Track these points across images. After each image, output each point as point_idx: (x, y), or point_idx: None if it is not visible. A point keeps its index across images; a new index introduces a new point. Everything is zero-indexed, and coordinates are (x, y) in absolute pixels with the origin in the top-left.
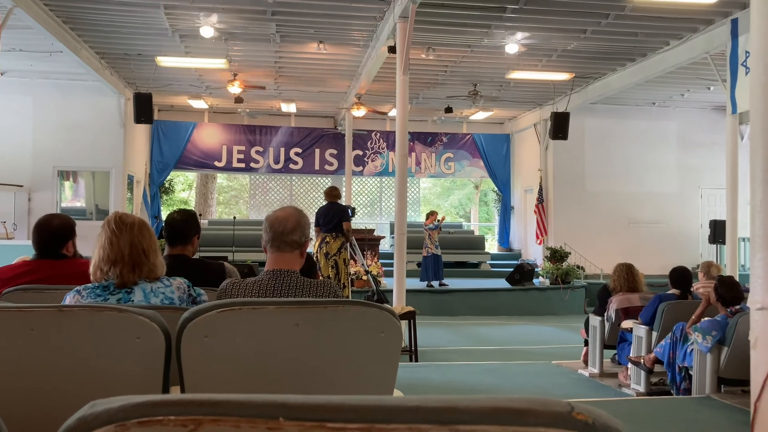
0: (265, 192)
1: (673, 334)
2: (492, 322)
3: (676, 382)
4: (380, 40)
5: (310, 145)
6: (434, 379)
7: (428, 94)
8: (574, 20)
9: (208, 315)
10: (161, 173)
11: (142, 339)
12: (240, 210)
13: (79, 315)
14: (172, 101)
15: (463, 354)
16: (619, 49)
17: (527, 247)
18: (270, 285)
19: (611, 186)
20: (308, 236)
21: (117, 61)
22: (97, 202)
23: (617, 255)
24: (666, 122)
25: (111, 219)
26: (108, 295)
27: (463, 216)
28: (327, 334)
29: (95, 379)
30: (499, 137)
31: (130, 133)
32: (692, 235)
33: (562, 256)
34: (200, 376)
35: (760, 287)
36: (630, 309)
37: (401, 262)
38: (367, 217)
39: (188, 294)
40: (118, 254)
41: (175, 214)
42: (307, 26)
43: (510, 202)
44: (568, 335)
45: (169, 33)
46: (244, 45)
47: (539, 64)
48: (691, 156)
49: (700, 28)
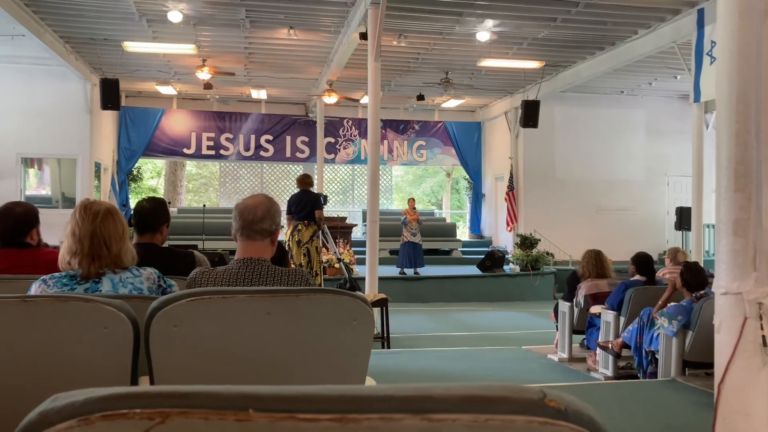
0: (236, 179)
1: (640, 319)
2: (463, 309)
3: (643, 365)
4: (352, 27)
5: (281, 132)
6: (407, 366)
7: (400, 82)
8: (544, 8)
9: (178, 304)
10: (129, 160)
11: (109, 329)
12: (210, 198)
13: (44, 305)
14: (140, 87)
15: (436, 340)
16: (588, 37)
17: (498, 234)
18: (240, 274)
19: (580, 173)
20: (279, 224)
21: (82, 46)
22: (63, 190)
23: (586, 242)
24: (634, 110)
25: (77, 208)
26: (75, 285)
27: (435, 204)
28: (299, 323)
29: (61, 371)
30: (471, 125)
31: (96, 119)
32: (659, 222)
33: (531, 243)
34: (169, 367)
35: (725, 273)
36: (598, 295)
37: (373, 250)
38: (339, 205)
39: (158, 285)
40: (78, 245)
41: (144, 202)
42: (277, 11)
43: (481, 190)
44: (538, 321)
45: (136, 17)
46: (213, 30)
47: (510, 52)
48: (659, 144)
49: (667, 17)
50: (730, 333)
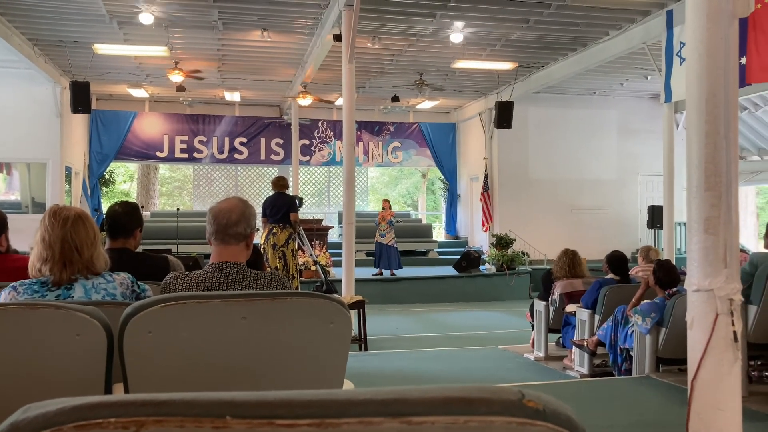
0: (210, 182)
1: (615, 317)
2: (440, 309)
3: (618, 363)
4: (326, 28)
5: (256, 135)
6: (384, 367)
7: (375, 83)
8: (517, 10)
9: (152, 310)
10: (101, 164)
11: (82, 336)
12: (183, 201)
13: (14, 313)
14: (111, 90)
15: (413, 341)
16: (560, 39)
17: (473, 234)
18: (215, 278)
19: (554, 173)
20: (254, 227)
21: (52, 49)
22: (33, 195)
23: (560, 241)
24: (606, 111)
25: (46, 214)
26: (46, 292)
27: (411, 205)
28: (275, 327)
29: (32, 381)
30: (445, 126)
31: (67, 123)
32: (631, 221)
33: (507, 242)
34: (144, 374)
35: (696, 270)
36: (573, 293)
37: (350, 252)
38: (315, 207)
39: (132, 290)
40: (49, 251)
41: (116, 206)
42: (250, 13)
43: (456, 191)
44: (514, 320)
45: (106, 19)
46: (185, 32)
47: (483, 54)
48: (630, 143)
49: (637, 19)
50: (702, 329)
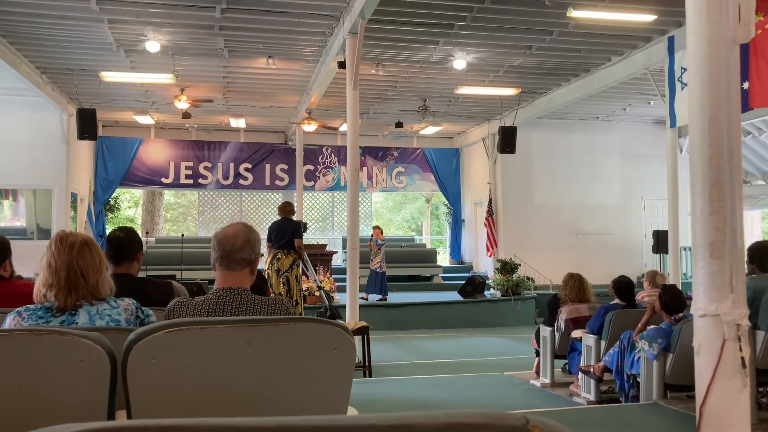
0: (214, 208)
1: (621, 343)
2: (445, 335)
3: (625, 389)
4: (330, 56)
5: (260, 161)
6: (389, 394)
7: (379, 109)
8: (519, 37)
9: (155, 336)
10: (106, 191)
11: (85, 362)
12: (188, 227)
13: (18, 339)
14: (117, 117)
15: (417, 368)
16: (563, 65)
17: (478, 259)
18: (219, 303)
19: (558, 198)
20: (258, 253)
21: (59, 76)
22: (38, 221)
23: (565, 266)
24: (609, 135)
25: (52, 240)
26: (51, 317)
27: (415, 230)
28: (279, 353)
29: (36, 406)
30: (449, 151)
31: (73, 149)
32: (636, 245)
33: (512, 267)
34: (147, 400)
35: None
36: (579, 319)
37: (354, 277)
38: (319, 232)
39: (136, 315)
40: (54, 277)
41: (117, 231)
42: (255, 41)
43: (461, 215)
44: (520, 346)
45: (113, 47)
46: (191, 60)
47: (486, 80)
48: (634, 168)
49: (639, 44)
50: (709, 355)
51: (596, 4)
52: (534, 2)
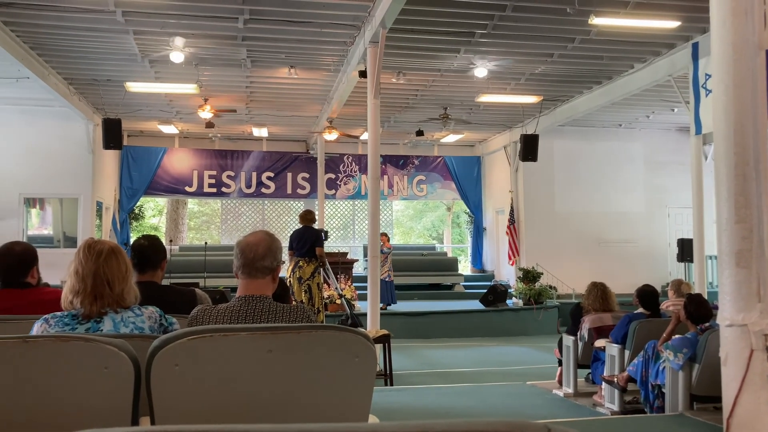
0: (237, 217)
1: (645, 353)
2: (466, 344)
3: (650, 400)
4: (351, 65)
5: (282, 169)
6: (410, 403)
7: (399, 118)
8: (541, 44)
9: (179, 343)
10: (131, 199)
11: (110, 369)
12: (211, 235)
13: (45, 345)
14: (142, 126)
15: (439, 377)
16: (585, 72)
17: (500, 268)
18: (242, 311)
19: (581, 206)
20: (280, 261)
21: (85, 87)
22: (64, 230)
23: (588, 275)
24: (632, 143)
25: (80, 247)
26: (77, 324)
27: (436, 238)
28: (300, 360)
29: (62, 411)
30: (470, 159)
31: (98, 159)
32: (661, 254)
33: (534, 276)
34: (170, 406)
35: (729, 304)
36: (602, 328)
37: (375, 286)
38: (340, 240)
39: (159, 323)
40: (81, 284)
41: (141, 239)
42: (278, 51)
43: (482, 224)
44: (542, 355)
45: (138, 58)
46: (214, 70)
47: (508, 88)
48: (658, 176)
49: (662, 51)
50: (736, 366)
51: (619, 11)
52: (555, 10)
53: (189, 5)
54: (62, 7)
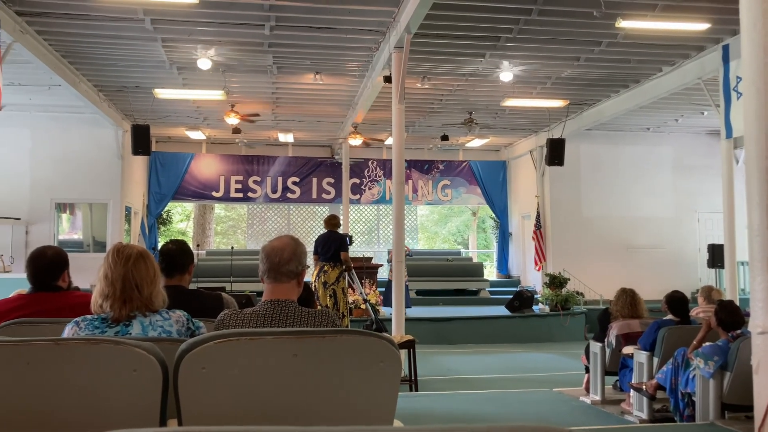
0: (263, 221)
1: (675, 360)
2: (492, 350)
3: (680, 408)
4: (376, 70)
5: (308, 174)
6: (435, 408)
7: (424, 122)
8: (567, 48)
9: (206, 346)
10: (159, 204)
11: (139, 371)
12: (238, 240)
13: (76, 348)
14: (170, 133)
15: (464, 383)
16: (612, 75)
17: (526, 273)
18: (267, 315)
19: (608, 211)
20: (305, 265)
21: (115, 94)
22: (94, 234)
23: (616, 280)
24: (661, 147)
25: (109, 251)
26: (106, 328)
27: (461, 243)
28: (325, 365)
29: (92, 413)
30: (496, 164)
31: (127, 164)
32: (690, 260)
33: (561, 282)
34: (198, 409)
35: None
36: (630, 335)
37: (399, 291)
38: (364, 245)
39: (187, 327)
40: (110, 288)
41: (169, 244)
42: (303, 58)
43: (508, 229)
44: (569, 362)
45: (166, 65)
46: (241, 76)
47: (534, 92)
48: (687, 180)
49: (691, 54)
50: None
51: (646, 14)
52: (582, 13)
53: (216, 13)
54: (93, 16)
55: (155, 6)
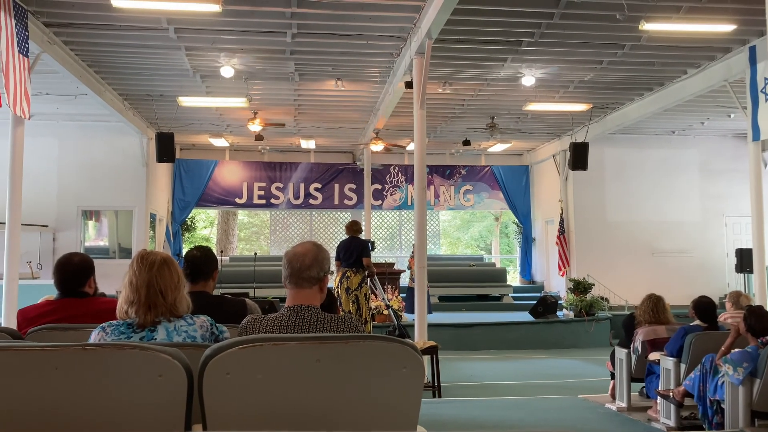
0: (286, 227)
1: (703, 366)
2: (516, 356)
3: (708, 416)
4: (397, 76)
5: (330, 180)
6: (458, 415)
7: (446, 128)
8: (589, 51)
9: (230, 352)
10: (183, 211)
11: (164, 377)
12: (261, 246)
13: (102, 353)
14: (194, 140)
15: (487, 389)
16: (636, 78)
17: (550, 279)
18: (290, 321)
19: (633, 216)
20: (327, 271)
21: (140, 102)
22: (119, 241)
23: (642, 286)
24: (686, 150)
25: (134, 258)
26: (132, 333)
27: (484, 248)
28: (348, 370)
29: (118, 417)
30: (518, 169)
31: (152, 172)
32: (718, 265)
33: (585, 287)
34: (222, 414)
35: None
36: (657, 341)
37: (422, 296)
38: (386, 251)
39: (211, 332)
40: (135, 294)
41: (194, 250)
42: (325, 64)
43: (531, 234)
44: (594, 368)
45: (190, 74)
46: (263, 84)
47: (556, 96)
48: (714, 184)
49: (717, 56)
50: None
51: (670, 16)
52: (604, 16)
53: (238, 21)
54: (118, 26)
55: (179, 15)
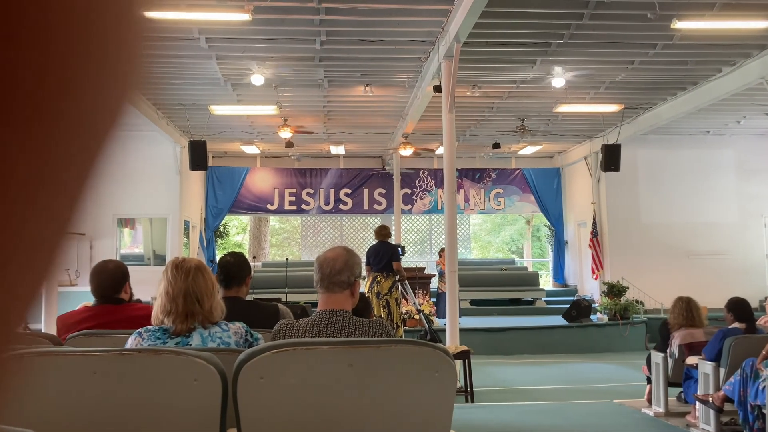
0: (317, 233)
1: (743, 371)
2: (549, 361)
3: (749, 421)
4: (426, 80)
5: (359, 186)
6: (491, 420)
7: (475, 131)
8: (620, 51)
9: (264, 356)
10: (216, 218)
11: (199, 381)
12: (292, 251)
13: (139, 358)
14: (226, 148)
15: (521, 394)
16: (668, 78)
17: (583, 282)
18: (323, 325)
19: (667, 217)
20: (358, 275)
21: (173, 111)
22: (154, 248)
23: (677, 289)
24: (722, 150)
25: (168, 266)
26: (167, 339)
27: (516, 252)
28: (380, 374)
29: (154, 422)
30: (549, 171)
31: (185, 179)
32: (757, 267)
33: (619, 290)
34: (256, 417)
35: None
36: (694, 344)
37: (453, 301)
38: (417, 255)
39: (245, 339)
40: (172, 304)
41: (227, 256)
42: (354, 70)
43: (563, 237)
44: (629, 373)
45: (221, 82)
46: (293, 91)
47: (587, 97)
48: (752, 184)
49: (753, 53)
50: None
51: (703, 13)
52: (635, 16)
53: (268, 29)
54: (150, 37)
55: (210, 25)
